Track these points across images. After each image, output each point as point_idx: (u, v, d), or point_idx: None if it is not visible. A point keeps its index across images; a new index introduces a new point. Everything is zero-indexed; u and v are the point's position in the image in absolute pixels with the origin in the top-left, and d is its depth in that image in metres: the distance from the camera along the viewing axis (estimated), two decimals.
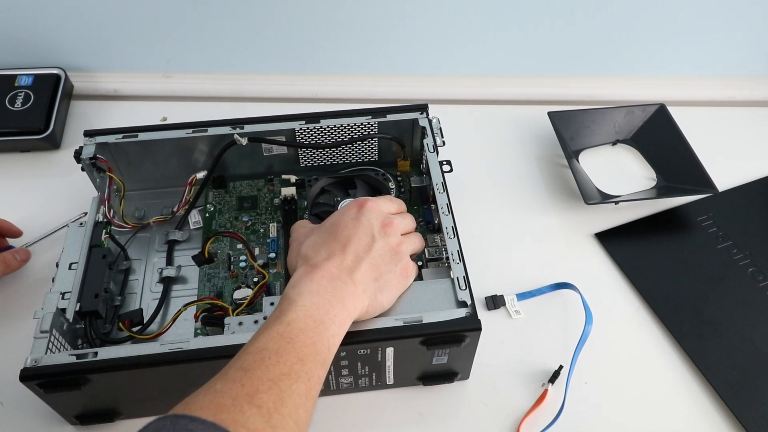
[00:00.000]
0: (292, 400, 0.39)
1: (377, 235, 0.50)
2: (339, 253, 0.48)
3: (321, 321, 0.44)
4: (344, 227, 0.50)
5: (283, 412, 0.38)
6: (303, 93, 0.86)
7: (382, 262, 0.50)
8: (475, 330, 0.50)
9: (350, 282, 0.47)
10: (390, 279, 0.50)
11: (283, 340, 0.41)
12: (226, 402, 0.37)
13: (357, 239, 0.49)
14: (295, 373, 0.40)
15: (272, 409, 0.37)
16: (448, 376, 0.56)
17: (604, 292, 0.65)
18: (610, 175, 0.76)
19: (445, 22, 0.81)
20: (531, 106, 0.85)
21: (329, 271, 0.47)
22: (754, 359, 0.59)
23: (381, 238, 0.50)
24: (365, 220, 0.51)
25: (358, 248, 0.49)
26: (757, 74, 0.88)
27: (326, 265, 0.47)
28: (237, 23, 0.81)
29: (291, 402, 0.39)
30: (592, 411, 0.56)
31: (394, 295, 0.50)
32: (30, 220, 0.70)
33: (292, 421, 0.38)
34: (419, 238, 0.56)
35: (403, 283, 0.51)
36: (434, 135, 0.64)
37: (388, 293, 0.50)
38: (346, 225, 0.50)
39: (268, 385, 0.38)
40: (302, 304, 0.44)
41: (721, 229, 0.70)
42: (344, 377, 0.54)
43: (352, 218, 0.51)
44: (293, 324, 0.43)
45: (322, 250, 0.49)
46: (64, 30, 0.81)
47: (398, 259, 0.51)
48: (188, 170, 0.66)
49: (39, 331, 0.49)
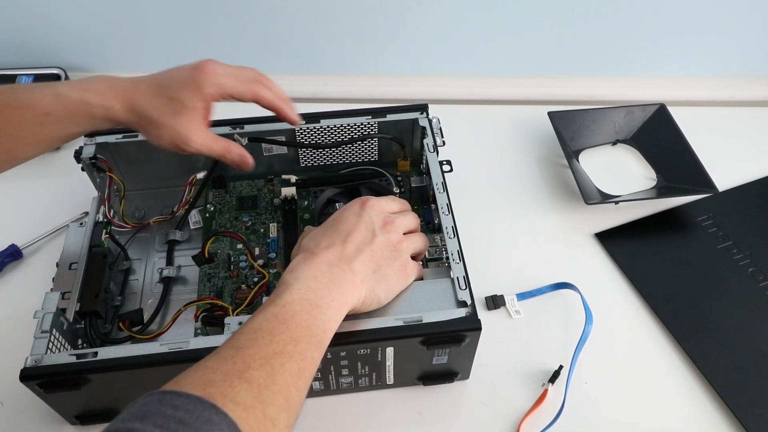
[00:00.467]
0: (284, 378, 0.39)
1: (378, 231, 0.50)
2: (339, 243, 0.49)
3: (317, 305, 0.44)
4: (346, 221, 0.51)
5: (274, 389, 0.38)
6: (303, 93, 0.86)
7: (381, 256, 0.50)
8: (475, 330, 0.50)
9: (349, 270, 0.47)
10: (389, 273, 0.50)
11: (278, 321, 0.42)
12: (216, 378, 0.37)
13: (358, 232, 0.50)
14: (288, 353, 0.40)
15: (263, 385, 0.37)
16: (448, 376, 0.56)
17: (604, 292, 0.65)
18: (610, 175, 0.76)
19: (446, 22, 0.81)
20: (531, 106, 0.85)
21: (328, 258, 0.47)
22: (754, 359, 0.59)
23: (382, 234, 0.50)
24: (367, 216, 0.51)
25: (358, 240, 0.49)
26: (757, 74, 0.88)
27: (325, 253, 0.48)
28: (237, 23, 0.81)
29: (282, 380, 0.39)
30: (592, 411, 0.56)
31: (392, 291, 0.50)
32: (30, 220, 0.70)
33: (283, 398, 0.38)
34: (423, 237, 0.55)
35: (403, 280, 0.51)
36: (434, 135, 0.64)
37: (386, 287, 0.49)
38: (348, 219, 0.51)
39: (259, 363, 0.39)
40: (298, 287, 0.44)
41: (721, 229, 0.70)
42: (344, 377, 0.54)
43: (354, 213, 0.51)
44: (288, 306, 0.43)
45: (323, 240, 0.49)
46: (64, 30, 0.81)
47: (398, 255, 0.51)
48: (188, 170, 0.66)
49: (39, 331, 0.49)
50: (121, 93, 0.50)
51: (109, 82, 0.51)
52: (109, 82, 0.51)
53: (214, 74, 0.51)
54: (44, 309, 0.51)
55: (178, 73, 0.52)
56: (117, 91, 0.50)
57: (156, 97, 0.51)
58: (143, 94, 0.51)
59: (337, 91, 0.86)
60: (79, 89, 0.50)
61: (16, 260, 0.67)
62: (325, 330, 0.44)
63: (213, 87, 0.51)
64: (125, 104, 0.50)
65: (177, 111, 0.50)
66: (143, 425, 0.32)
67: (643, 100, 0.82)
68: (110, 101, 0.50)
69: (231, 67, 0.54)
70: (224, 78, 0.52)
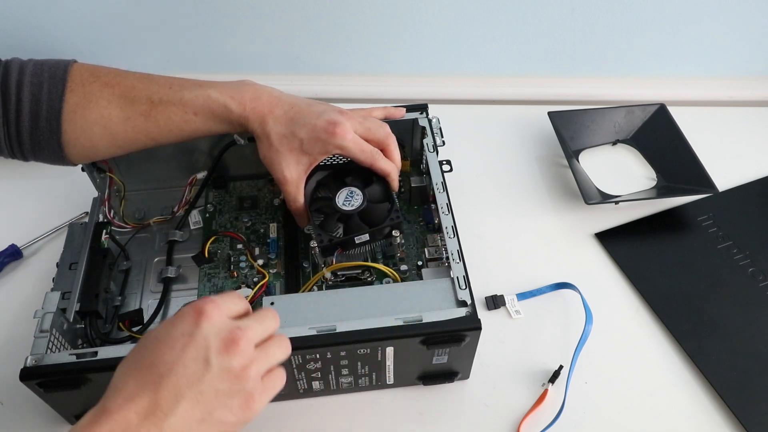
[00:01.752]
0: None
1: (214, 359, 0.38)
2: (151, 389, 0.37)
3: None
4: (169, 349, 0.38)
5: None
6: (303, 93, 0.85)
7: (214, 396, 0.38)
8: (475, 329, 0.49)
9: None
10: (223, 417, 0.38)
11: None
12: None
13: (182, 367, 0.37)
14: None
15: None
16: (449, 375, 0.56)
17: (604, 292, 0.65)
18: (610, 175, 0.76)
19: (446, 22, 0.81)
20: (531, 106, 0.85)
21: (125, 419, 0.36)
22: (754, 359, 0.59)
23: (219, 362, 0.38)
24: (201, 336, 0.38)
25: (179, 381, 0.37)
26: (757, 74, 0.88)
27: (123, 411, 0.36)
28: (237, 23, 0.81)
29: None
30: (592, 411, 0.56)
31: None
32: (30, 220, 0.70)
33: None
34: (282, 341, 0.43)
35: (244, 416, 0.39)
36: (434, 135, 0.64)
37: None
38: (173, 346, 0.38)
39: None
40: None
41: (721, 229, 0.70)
42: (344, 377, 0.54)
43: (182, 334, 0.39)
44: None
45: (131, 379, 0.38)
46: (64, 30, 0.81)
47: (240, 388, 0.39)
48: (188, 170, 0.66)
49: (39, 330, 0.49)
50: (258, 109, 0.55)
51: (254, 93, 0.56)
52: (254, 93, 0.56)
53: (344, 138, 0.55)
54: (44, 309, 0.51)
55: (314, 117, 0.55)
56: (256, 104, 0.55)
57: (285, 127, 0.55)
58: (277, 119, 0.56)
59: (337, 91, 0.86)
60: (226, 96, 0.55)
61: (16, 260, 0.67)
62: None
63: (337, 149, 0.56)
64: (258, 119, 0.56)
65: (293, 149, 0.56)
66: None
67: (643, 100, 0.82)
68: (247, 113, 0.55)
69: (362, 126, 0.57)
70: (350, 143, 0.56)
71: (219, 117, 0.55)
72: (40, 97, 0.52)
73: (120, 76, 0.55)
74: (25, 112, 0.52)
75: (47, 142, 0.54)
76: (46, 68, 0.53)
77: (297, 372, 0.52)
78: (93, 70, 0.55)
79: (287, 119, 0.56)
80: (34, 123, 0.53)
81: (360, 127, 0.57)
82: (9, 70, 0.53)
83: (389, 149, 0.59)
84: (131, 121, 0.54)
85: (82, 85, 0.53)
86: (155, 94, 0.54)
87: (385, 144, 0.59)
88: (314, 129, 0.55)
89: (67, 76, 0.53)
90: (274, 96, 0.57)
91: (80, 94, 0.53)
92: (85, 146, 0.55)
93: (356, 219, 0.58)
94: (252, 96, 0.55)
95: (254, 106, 0.55)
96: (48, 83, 0.53)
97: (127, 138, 0.55)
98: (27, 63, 0.54)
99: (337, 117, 0.55)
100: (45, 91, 0.52)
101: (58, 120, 0.53)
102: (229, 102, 0.55)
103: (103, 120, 0.54)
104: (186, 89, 0.55)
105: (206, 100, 0.55)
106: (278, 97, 0.57)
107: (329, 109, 0.57)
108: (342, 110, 0.57)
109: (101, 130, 0.54)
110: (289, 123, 0.55)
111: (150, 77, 0.56)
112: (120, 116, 0.54)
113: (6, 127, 0.53)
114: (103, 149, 0.56)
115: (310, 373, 0.52)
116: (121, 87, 0.54)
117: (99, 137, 0.55)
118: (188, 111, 0.55)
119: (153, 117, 0.54)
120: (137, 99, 0.54)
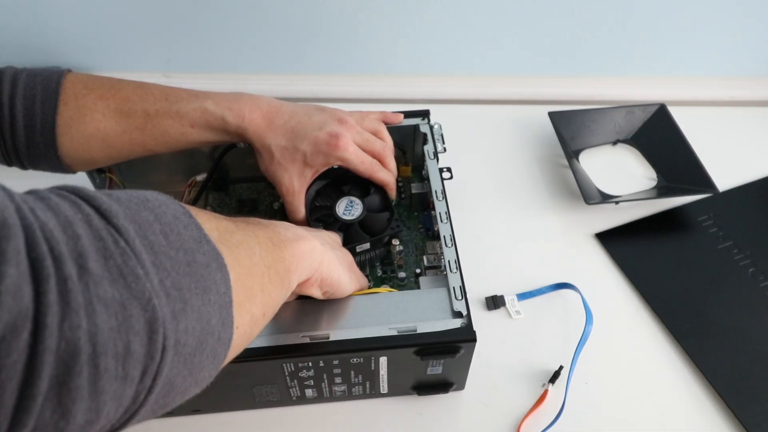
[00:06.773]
0: (259, 270, 0.38)
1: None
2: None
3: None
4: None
5: (254, 270, 0.37)
6: (303, 93, 0.86)
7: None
8: (470, 341, 0.48)
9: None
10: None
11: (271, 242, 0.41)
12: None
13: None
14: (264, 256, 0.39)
15: (244, 256, 0.37)
16: (443, 386, 0.55)
17: (604, 292, 0.65)
18: (610, 175, 0.76)
19: (446, 22, 0.81)
20: (531, 106, 0.85)
21: (312, 243, 0.46)
22: (754, 359, 0.59)
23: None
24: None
25: (323, 236, 0.51)
26: (757, 74, 0.88)
27: (312, 237, 0.47)
28: (237, 23, 0.81)
29: (258, 271, 0.38)
30: (593, 411, 0.56)
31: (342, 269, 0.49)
32: None
33: (259, 287, 0.37)
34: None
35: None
36: (435, 141, 0.64)
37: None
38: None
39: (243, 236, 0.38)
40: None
41: (722, 229, 0.70)
42: (337, 385, 0.53)
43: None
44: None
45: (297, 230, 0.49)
46: (64, 30, 0.81)
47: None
48: (188, 172, 0.66)
49: None
50: (257, 120, 0.55)
51: (252, 104, 0.56)
52: (252, 104, 0.56)
53: (345, 151, 0.55)
54: None
55: (315, 129, 0.56)
56: (254, 116, 0.55)
57: (286, 140, 0.56)
58: (276, 132, 0.56)
59: (337, 91, 0.86)
60: (223, 108, 0.55)
61: None
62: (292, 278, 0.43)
63: (338, 161, 0.56)
64: (257, 131, 0.55)
65: (296, 161, 0.56)
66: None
67: (643, 100, 0.82)
68: (245, 124, 0.55)
69: (361, 137, 0.58)
70: (352, 156, 0.56)
71: (216, 129, 0.55)
72: (34, 111, 0.52)
73: (114, 88, 0.54)
74: (19, 127, 0.52)
75: (45, 155, 0.54)
76: (39, 80, 0.53)
77: (289, 379, 0.51)
78: (86, 81, 0.54)
79: (287, 130, 0.56)
80: (30, 137, 0.52)
81: (359, 138, 0.57)
82: (1, 81, 0.52)
83: (386, 161, 0.60)
84: (128, 134, 0.54)
85: (75, 98, 0.53)
86: (151, 107, 0.54)
87: (382, 156, 0.59)
88: (316, 142, 0.55)
89: (60, 88, 0.52)
90: (273, 106, 0.56)
91: (74, 108, 0.53)
92: (83, 158, 0.55)
93: (356, 228, 0.58)
94: (250, 107, 0.55)
95: (253, 118, 0.55)
96: (41, 96, 0.52)
97: (124, 149, 0.55)
98: (20, 74, 0.53)
99: (339, 129, 0.55)
100: (38, 104, 0.52)
101: (52, 134, 0.52)
102: (227, 114, 0.55)
103: (100, 134, 0.54)
104: (182, 101, 0.55)
105: (203, 113, 0.55)
106: (277, 107, 0.56)
107: (329, 119, 0.56)
108: (341, 118, 0.57)
109: (98, 143, 0.54)
110: (290, 135, 0.55)
111: (145, 87, 0.55)
112: (116, 130, 0.54)
113: (2, 140, 0.53)
114: (102, 160, 0.56)
115: (302, 380, 0.51)
116: (116, 100, 0.54)
117: (96, 150, 0.55)
118: (185, 123, 0.55)
119: (149, 130, 0.54)
120: (133, 112, 0.54)
